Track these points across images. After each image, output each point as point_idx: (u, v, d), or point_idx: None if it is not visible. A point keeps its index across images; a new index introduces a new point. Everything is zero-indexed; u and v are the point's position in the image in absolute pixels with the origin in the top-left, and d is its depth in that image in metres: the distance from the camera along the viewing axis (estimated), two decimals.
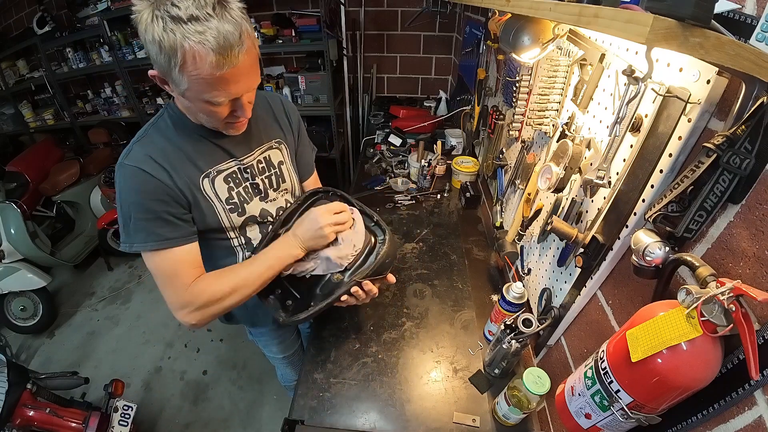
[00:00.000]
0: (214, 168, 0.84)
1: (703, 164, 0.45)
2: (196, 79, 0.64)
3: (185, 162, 0.80)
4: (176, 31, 0.59)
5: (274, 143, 0.96)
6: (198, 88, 0.66)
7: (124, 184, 0.75)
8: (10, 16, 3.10)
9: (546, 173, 0.80)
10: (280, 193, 0.99)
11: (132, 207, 0.75)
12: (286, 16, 2.63)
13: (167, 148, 0.78)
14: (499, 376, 0.98)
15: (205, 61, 0.61)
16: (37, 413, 1.46)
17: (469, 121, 1.98)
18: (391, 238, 0.93)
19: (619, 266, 0.68)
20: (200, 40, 0.60)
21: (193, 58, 0.61)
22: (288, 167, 1.00)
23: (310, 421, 0.90)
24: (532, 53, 0.88)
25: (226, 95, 0.68)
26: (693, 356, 0.43)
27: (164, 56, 0.62)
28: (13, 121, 3.24)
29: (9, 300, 2.31)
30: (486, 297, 1.22)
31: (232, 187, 0.87)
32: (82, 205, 2.84)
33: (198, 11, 0.59)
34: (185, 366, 2.19)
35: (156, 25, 0.60)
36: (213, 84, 0.65)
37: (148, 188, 0.74)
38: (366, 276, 0.88)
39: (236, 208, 0.89)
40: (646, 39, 0.34)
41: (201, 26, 0.59)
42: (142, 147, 0.77)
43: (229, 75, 0.65)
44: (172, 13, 0.59)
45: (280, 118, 0.99)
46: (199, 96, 0.68)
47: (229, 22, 0.62)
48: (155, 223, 0.76)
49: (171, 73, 0.64)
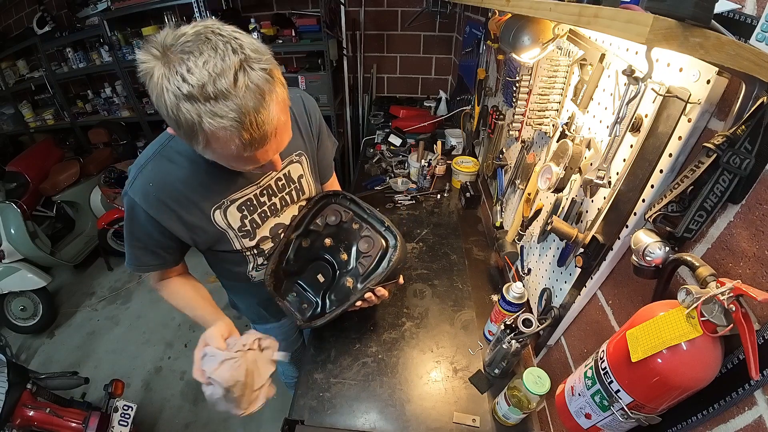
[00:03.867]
0: (228, 198, 0.81)
1: (703, 164, 0.45)
2: (223, 156, 0.60)
3: (195, 195, 0.76)
4: (192, 112, 0.51)
5: (294, 156, 0.90)
6: (226, 161, 0.63)
7: (128, 215, 0.77)
8: (10, 16, 3.10)
9: (546, 173, 0.80)
10: (297, 204, 0.97)
11: (132, 237, 0.79)
12: (286, 16, 2.63)
13: (175, 181, 0.74)
14: (499, 376, 0.98)
15: (230, 144, 0.55)
16: (37, 413, 1.46)
17: (469, 121, 1.98)
18: (402, 243, 0.91)
19: (619, 266, 0.68)
20: (221, 126, 0.51)
21: (217, 140, 0.54)
22: (308, 178, 0.96)
23: (310, 421, 0.90)
24: (532, 53, 0.88)
25: (255, 165, 0.65)
26: (693, 356, 0.43)
27: (183, 133, 0.55)
28: (13, 121, 3.24)
29: (9, 300, 2.31)
30: (486, 297, 1.22)
31: (246, 215, 0.85)
32: (82, 205, 2.84)
33: (214, 88, 0.49)
34: (185, 366, 2.19)
35: (168, 99, 0.51)
36: (242, 159, 0.60)
37: (142, 223, 0.76)
38: (379, 282, 0.88)
39: (248, 234, 0.88)
40: (646, 39, 0.34)
41: (220, 107, 0.50)
42: (146, 178, 0.73)
43: (259, 153, 0.60)
44: (183, 91, 0.50)
45: (302, 126, 0.91)
46: (226, 165, 0.65)
47: (253, 95, 0.52)
48: (144, 252, 0.81)
49: (192, 145, 0.59)
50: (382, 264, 0.91)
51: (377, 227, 0.95)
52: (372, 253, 0.92)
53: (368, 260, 0.92)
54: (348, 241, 0.98)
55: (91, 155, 3.01)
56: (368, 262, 0.92)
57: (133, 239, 0.79)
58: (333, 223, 0.98)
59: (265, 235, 0.91)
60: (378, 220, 0.96)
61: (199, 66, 0.49)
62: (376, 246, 0.92)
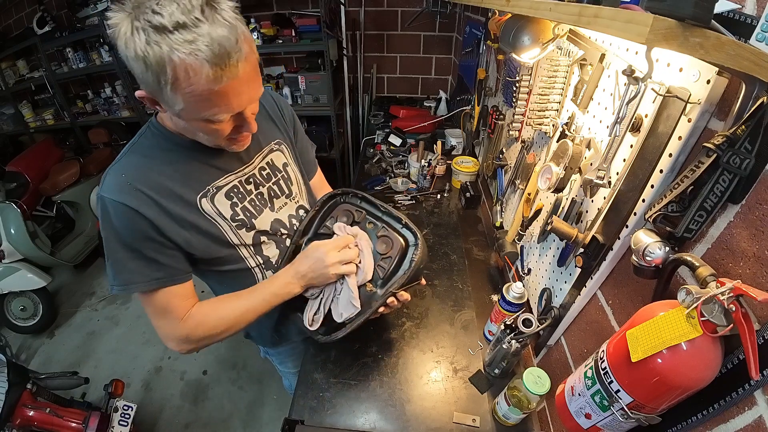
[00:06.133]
0: (212, 185, 0.76)
1: (703, 164, 0.45)
2: (192, 96, 0.56)
3: (176, 184, 0.71)
4: (162, 43, 0.51)
5: (274, 145, 0.89)
6: (195, 106, 0.58)
7: (104, 220, 0.67)
8: (10, 16, 3.10)
9: (546, 173, 0.80)
10: (291, 198, 0.93)
11: (115, 246, 0.68)
12: (286, 16, 2.63)
13: (151, 171, 0.69)
14: (499, 376, 0.98)
15: (200, 75, 0.54)
16: (37, 413, 1.46)
17: (469, 121, 1.98)
18: (423, 241, 0.85)
19: (619, 266, 0.68)
20: (191, 51, 0.52)
21: (186, 73, 0.53)
22: (293, 167, 0.94)
23: (310, 421, 0.90)
24: (532, 53, 0.88)
25: (227, 110, 0.61)
26: (693, 356, 0.43)
27: (151, 74, 0.54)
28: (13, 121, 3.24)
29: (9, 300, 2.31)
30: (486, 297, 1.22)
31: (236, 202, 0.80)
32: (82, 205, 2.84)
33: (184, 17, 0.52)
34: (185, 366, 2.19)
35: (137, 39, 0.52)
36: (212, 100, 0.58)
37: (131, 225, 0.67)
38: (402, 285, 0.82)
39: (244, 224, 0.82)
40: (646, 39, 0.34)
41: (190, 34, 0.52)
42: (119, 172, 0.68)
43: (229, 88, 0.57)
44: (154, 22, 0.51)
45: (275, 116, 0.92)
46: (196, 115, 0.60)
47: (222, 26, 0.54)
48: (141, 263, 0.69)
49: (161, 93, 0.57)
50: (402, 265, 0.84)
51: (394, 225, 0.88)
52: (392, 254, 0.85)
53: (388, 262, 0.84)
54: None
55: (91, 155, 3.01)
56: (388, 264, 0.84)
57: (118, 247, 0.68)
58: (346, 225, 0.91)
59: (264, 229, 0.86)
60: (394, 217, 0.89)
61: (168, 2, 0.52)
62: (395, 246, 0.85)
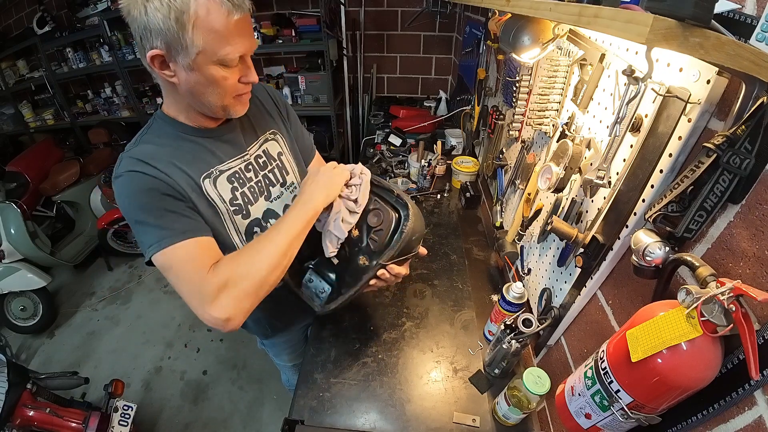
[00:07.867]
0: (216, 168, 0.80)
1: (703, 164, 0.45)
2: (211, 33, 0.64)
3: (182, 163, 0.76)
4: None
5: (269, 135, 0.92)
6: (212, 45, 0.65)
7: (122, 192, 0.71)
8: (10, 16, 3.10)
9: (546, 173, 0.80)
10: (286, 188, 0.95)
11: (137, 213, 0.70)
12: (286, 16, 2.63)
13: (159, 152, 0.74)
14: (499, 376, 0.98)
15: (218, 12, 0.63)
16: (37, 413, 1.46)
17: (469, 121, 1.98)
18: (415, 212, 0.84)
19: (619, 266, 0.68)
20: None
21: (206, 10, 0.62)
22: (287, 157, 0.96)
23: (310, 421, 0.90)
24: (532, 53, 0.88)
25: (239, 49, 0.67)
26: (693, 356, 0.43)
27: (173, 19, 0.61)
28: (13, 121, 3.25)
29: (9, 300, 2.31)
30: (486, 297, 1.22)
31: (237, 187, 0.83)
32: (82, 205, 2.84)
33: None
34: (185, 366, 2.19)
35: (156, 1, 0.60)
36: (227, 38, 0.65)
37: (149, 185, 0.70)
38: (392, 258, 0.81)
39: (240, 210, 0.84)
40: (646, 39, 0.34)
41: None
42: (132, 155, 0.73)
43: (242, 24, 0.66)
44: None
45: (269, 107, 0.95)
46: (213, 57, 0.66)
47: None
48: (164, 220, 0.70)
49: (181, 38, 0.63)
50: (394, 238, 0.83)
51: (386, 198, 0.88)
52: (383, 226, 0.84)
53: (380, 235, 0.84)
54: None
55: (91, 155, 3.01)
56: (380, 237, 0.84)
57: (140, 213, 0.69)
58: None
59: (257, 217, 0.88)
60: (386, 190, 0.88)
61: None
62: (386, 219, 0.84)
